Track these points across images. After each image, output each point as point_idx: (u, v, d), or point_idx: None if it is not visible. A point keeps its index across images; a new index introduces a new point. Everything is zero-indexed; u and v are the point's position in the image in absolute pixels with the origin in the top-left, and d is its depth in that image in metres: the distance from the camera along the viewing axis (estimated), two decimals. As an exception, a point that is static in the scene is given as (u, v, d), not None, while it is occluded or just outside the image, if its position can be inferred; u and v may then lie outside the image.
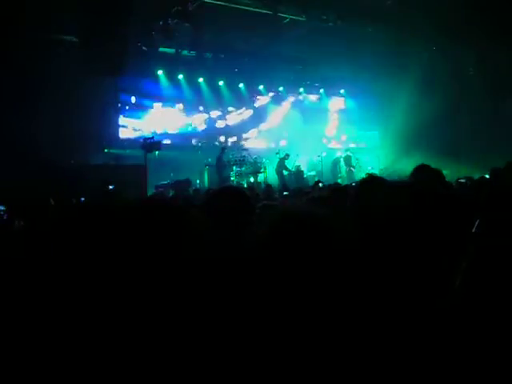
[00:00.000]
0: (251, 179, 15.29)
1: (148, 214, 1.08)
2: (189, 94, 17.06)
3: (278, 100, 19.23)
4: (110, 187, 10.70)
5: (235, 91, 18.08)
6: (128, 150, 14.54)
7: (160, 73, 16.27)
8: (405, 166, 11.34)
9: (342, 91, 20.07)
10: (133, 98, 16.02)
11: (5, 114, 10.50)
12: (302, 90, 19.42)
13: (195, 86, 17.12)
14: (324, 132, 20.07)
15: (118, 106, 15.67)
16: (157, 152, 13.53)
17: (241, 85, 18.13)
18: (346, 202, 2.15)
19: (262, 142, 18.88)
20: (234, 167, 15.33)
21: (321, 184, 9.39)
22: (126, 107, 15.95)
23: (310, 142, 18.47)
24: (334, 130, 20.32)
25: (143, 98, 16.35)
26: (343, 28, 14.14)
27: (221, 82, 17.63)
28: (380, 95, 18.16)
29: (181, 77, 16.67)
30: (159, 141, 13.65)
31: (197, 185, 14.90)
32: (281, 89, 18.99)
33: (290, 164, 16.55)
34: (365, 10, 13.16)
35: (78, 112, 12.12)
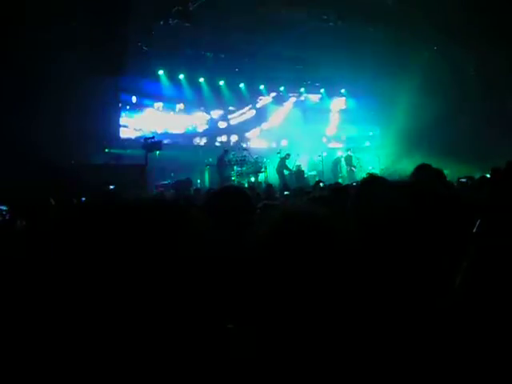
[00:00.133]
0: (252, 179, 15.30)
1: (148, 213, 1.08)
2: (189, 93, 17.07)
3: (279, 100, 19.24)
4: (111, 187, 10.70)
5: (236, 91, 18.10)
6: (129, 150, 14.54)
7: (161, 73, 16.29)
8: (405, 165, 11.33)
9: (343, 91, 20.06)
10: (133, 98, 16.03)
11: (5, 114, 10.49)
12: (302, 89, 19.43)
13: (196, 86, 17.14)
14: (325, 132, 20.08)
15: (119, 106, 15.67)
16: (157, 152, 13.53)
17: (241, 85, 18.14)
18: (347, 201, 2.15)
19: (263, 142, 18.89)
20: (235, 167, 15.34)
21: (322, 184, 9.40)
22: (127, 107, 15.95)
23: (310, 141, 18.47)
24: (335, 129, 20.33)
25: (144, 97, 16.37)
26: (343, 28, 14.14)
27: (221, 82, 17.64)
28: (381, 95, 18.15)
29: (181, 77, 16.68)
30: (160, 141, 13.67)
31: (197, 184, 14.90)
32: (281, 89, 19.00)
33: (290, 164, 16.55)
34: (365, 10, 13.15)
35: (78, 112, 12.11)
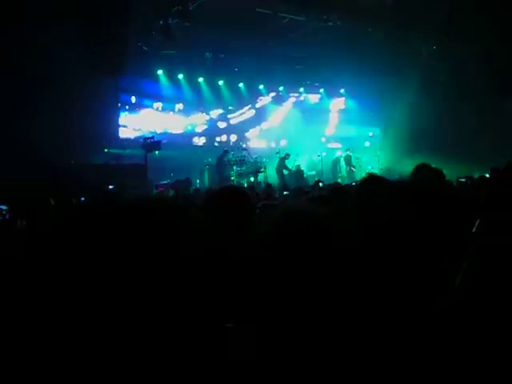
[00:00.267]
0: (251, 179, 15.30)
1: (148, 213, 1.08)
2: (189, 93, 17.06)
3: (279, 100, 19.23)
4: (110, 187, 10.70)
5: (235, 91, 18.09)
6: (128, 150, 14.53)
7: (160, 73, 16.27)
8: (405, 165, 11.33)
9: (342, 91, 20.03)
10: (133, 98, 16.02)
11: (5, 114, 10.49)
12: (302, 89, 19.42)
13: (195, 86, 17.13)
14: (324, 132, 20.07)
15: (118, 106, 15.67)
16: (157, 152, 13.53)
17: (241, 84, 18.13)
18: (347, 201, 2.15)
19: (262, 142, 18.88)
20: (235, 167, 15.35)
21: (321, 183, 9.41)
22: (126, 107, 15.95)
23: (310, 141, 18.47)
24: (334, 129, 20.32)
25: (143, 97, 16.36)
26: (343, 28, 14.14)
27: (221, 82, 17.63)
28: (380, 95, 18.16)
29: (181, 76, 16.67)
30: (159, 140, 13.65)
31: (197, 184, 14.91)
32: (281, 88, 18.99)
33: (290, 164, 16.56)
34: (365, 10, 13.14)
35: (77, 112, 12.10)
